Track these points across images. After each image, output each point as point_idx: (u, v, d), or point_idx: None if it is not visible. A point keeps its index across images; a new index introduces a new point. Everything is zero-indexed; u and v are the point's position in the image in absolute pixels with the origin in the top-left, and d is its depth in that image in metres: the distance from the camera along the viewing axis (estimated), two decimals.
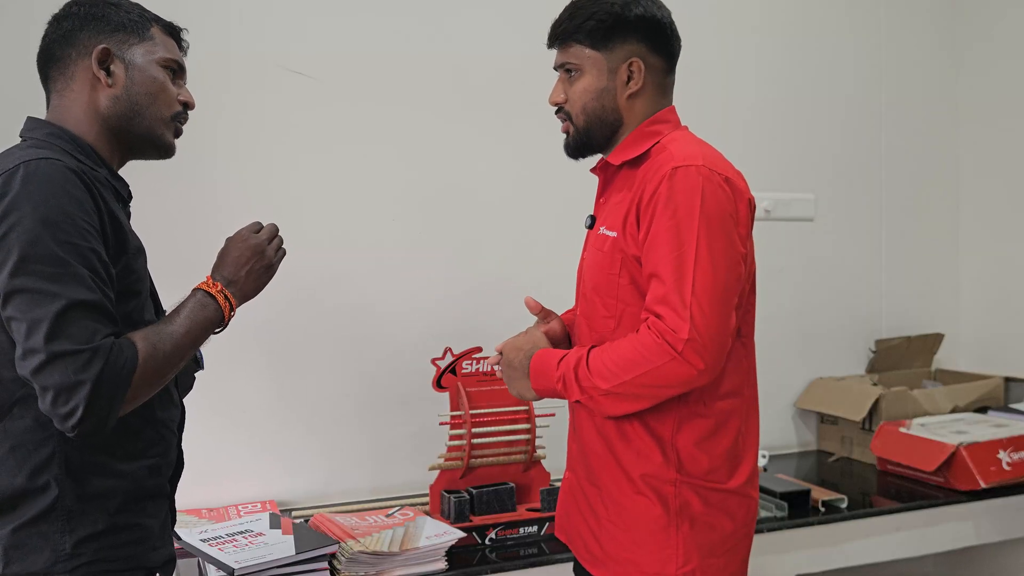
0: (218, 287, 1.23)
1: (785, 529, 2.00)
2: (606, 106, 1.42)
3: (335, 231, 2.21)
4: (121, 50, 1.23)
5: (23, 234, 1.05)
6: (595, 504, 1.44)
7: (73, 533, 1.12)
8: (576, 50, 1.42)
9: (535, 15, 1.65)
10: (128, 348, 1.09)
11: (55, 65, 1.23)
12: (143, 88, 1.24)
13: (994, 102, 2.88)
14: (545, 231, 2.37)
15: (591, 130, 1.45)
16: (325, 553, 1.65)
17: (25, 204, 1.06)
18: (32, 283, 1.05)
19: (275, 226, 1.33)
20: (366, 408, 2.24)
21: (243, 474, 2.11)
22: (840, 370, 2.81)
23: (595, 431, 1.44)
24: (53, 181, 1.09)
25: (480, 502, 1.92)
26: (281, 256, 1.33)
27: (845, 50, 2.82)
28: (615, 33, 1.40)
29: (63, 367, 1.03)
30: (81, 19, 1.23)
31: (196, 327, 1.18)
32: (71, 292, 1.05)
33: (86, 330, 1.05)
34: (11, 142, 1.21)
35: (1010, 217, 2.85)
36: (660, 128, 1.43)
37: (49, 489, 1.11)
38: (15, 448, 1.12)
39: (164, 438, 1.26)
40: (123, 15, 1.25)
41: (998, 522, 2.24)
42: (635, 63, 1.41)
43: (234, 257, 1.27)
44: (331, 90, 2.20)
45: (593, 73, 1.42)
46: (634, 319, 1.36)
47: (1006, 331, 2.85)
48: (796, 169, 2.76)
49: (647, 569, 1.36)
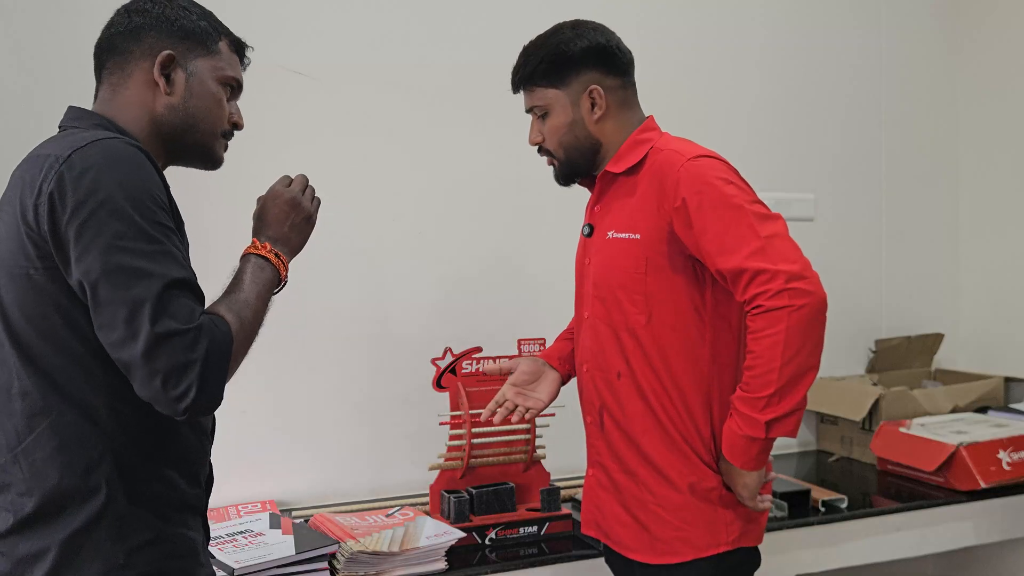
0: (268, 247, 1.20)
1: (785, 529, 2.00)
2: (579, 136, 1.53)
3: (335, 231, 2.20)
4: (186, 59, 1.19)
5: (113, 213, 1.00)
6: (636, 492, 1.50)
7: (124, 541, 1.06)
8: (538, 92, 1.53)
9: (535, 15, 1.65)
10: (221, 323, 1.06)
11: (115, 58, 1.19)
12: (201, 102, 1.20)
13: (994, 102, 2.88)
14: (546, 231, 2.37)
15: (573, 160, 1.55)
16: (325, 553, 1.65)
17: (110, 182, 1.01)
18: (130, 261, 1.00)
19: (305, 176, 1.30)
20: (366, 408, 2.24)
21: (243, 474, 2.11)
22: (840, 370, 2.81)
23: (628, 423, 1.50)
24: (132, 159, 1.05)
25: (480, 502, 1.92)
26: (317, 204, 1.30)
27: (845, 50, 2.82)
28: (567, 68, 1.50)
29: (172, 348, 0.98)
30: (154, 17, 1.19)
31: (264, 290, 1.15)
32: (168, 270, 1.01)
33: (187, 309, 1.01)
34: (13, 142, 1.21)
35: (1010, 217, 2.85)
36: (650, 136, 1.53)
37: (100, 491, 1.06)
38: (62, 447, 1.05)
39: (202, 444, 1.22)
40: (195, 22, 1.21)
41: (998, 522, 2.24)
42: (594, 90, 1.51)
43: (274, 215, 1.24)
44: (330, 89, 2.20)
45: (559, 110, 1.52)
46: (665, 311, 1.45)
47: (1006, 331, 2.85)
48: (796, 169, 2.76)
49: (699, 543, 1.45)
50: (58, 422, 1.06)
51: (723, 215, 1.37)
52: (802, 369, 1.34)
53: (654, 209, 1.44)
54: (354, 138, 2.23)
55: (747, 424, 1.37)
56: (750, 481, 1.43)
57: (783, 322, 1.31)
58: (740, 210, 1.37)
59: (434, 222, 2.30)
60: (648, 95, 1.66)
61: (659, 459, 1.47)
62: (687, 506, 1.46)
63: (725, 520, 1.46)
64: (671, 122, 1.62)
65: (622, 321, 1.49)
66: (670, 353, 1.46)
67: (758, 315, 1.34)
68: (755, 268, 1.33)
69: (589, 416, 1.59)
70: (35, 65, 1.94)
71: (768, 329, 1.32)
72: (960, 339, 2.98)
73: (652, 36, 2.53)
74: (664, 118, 1.62)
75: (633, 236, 1.47)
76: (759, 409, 1.35)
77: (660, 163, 1.45)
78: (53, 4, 1.94)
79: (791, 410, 1.35)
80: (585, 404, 1.61)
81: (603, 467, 1.56)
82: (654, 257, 1.45)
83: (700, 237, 1.39)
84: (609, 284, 1.51)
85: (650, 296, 1.46)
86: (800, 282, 1.32)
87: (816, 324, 1.34)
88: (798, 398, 1.35)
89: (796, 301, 1.31)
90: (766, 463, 1.43)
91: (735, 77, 2.66)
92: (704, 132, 2.47)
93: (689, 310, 1.45)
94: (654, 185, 1.45)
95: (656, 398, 1.47)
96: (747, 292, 1.35)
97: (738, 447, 1.40)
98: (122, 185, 1.02)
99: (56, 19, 1.95)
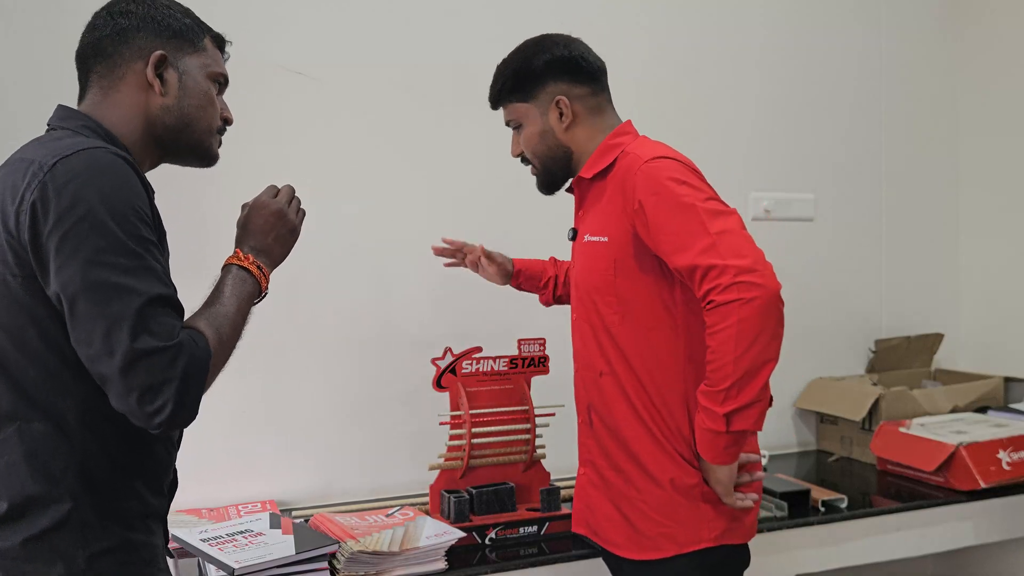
0: (250, 259, 1.20)
1: (785, 529, 2.00)
2: (551, 145, 1.60)
3: (334, 231, 2.21)
4: (176, 58, 1.20)
5: (94, 227, 1.00)
6: (623, 489, 1.53)
7: (87, 547, 1.07)
8: (511, 108, 1.62)
9: (535, 14, 1.65)
10: (200, 338, 1.06)
11: (103, 61, 1.18)
12: (195, 100, 1.21)
13: (995, 102, 2.88)
14: (545, 231, 2.36)
15: (549, 168, 1.63)
16: (325, 553, 1.64)
17: (93, 194, 1.01)
18: (109, 277, 0.99)
19: (291, 187, 1.30)
20: (366, 408, 2.24)
21: (243, 474, 2.11)
22: (840, 370, 2.81)
23: (613, 421, 1.53)
24: (116, 171, 1.04)
25: (480, 502, 1.92)
26: (302, 217, 1.31)
27: (845, 50, 2.82)
28: (532, 82, 1.58)
29: (150, 365, 0.99)
30: (139, 18, 1.18)
31: (243, 303, 1.15)
32: (149, 287, 1.01)
33: (167, 326, 1.01)
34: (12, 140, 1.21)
35: (1010, 217, 2.85)
36: (621, 140, 1.57)
37: (65, 499, 1.06)
38: (29, 454, 1.06)
39: (170, 455, 1.23)
40: (181, 20, 1.21)
41: (998, 522, 2.24)
42: (561, 101, 1.57)
43: (258, 225, 1.24)
44: (331, 90, 2.20)
45: (530, 121, 1.60)
46: (636, 310, 1.49)
47: (1006, 331, 2.85)
48: (796, 169, 2.76)
49: (681, 539, 1.48)
50: (25, 429, 1.06)
51: (676, 215, 1.40)
52: (758, 361, 1.34)
53: (620, 212, 1.49)
54: (355, 138, 2.23)
55: (709, 418, 1.39)
56: (722, 476, 1.45)
57: (734, 315, 1.33)
58: (691, 208, 1.39)
59: (435, 222, 2.30)
60: (649, 95, 1.67)
61: (643, 455, 1.51)
62: (670, 502, 1.49)
63: (707, 517, 1.48)
64: (671, 122, 1.63)
65: (599, 321, 1.54)
66: (645, 352, 1.49)
67: (711, 310, 1.36)
68: (706, 264, 1.36)
69: (580, 415, 1.65)
70: (35, 65, 1.94)
71: (721, 323, 1.34)
72: (960, 339, 2.98)
73: (652, 36, 2.53)
74: (665, 118, 1.63)
75: (602, 239, 1.52)
76: (719, 402, 1.37)
77: (624, 167, 1.50)
78: (53, 4, 1.94)
79: (749, 402, 1.36)
80: (577, 403, 1.66)
81: (593, 465, 1.60)
82: (623, 259, 1.49)
83: (657, 236, 1.42)
84: (586, 286, 1.56)
85: (621, 297, 1.50)
86: (749, 275, 1.33)
87: (769, 316, 1.34)
88: (756, 390, 1.36)
89: (746, 294, 1.32)
90: (736, 458, 1.45)
91: (735, 77, 2.66)
92: (705, 132, 2.48)
93: (660, 309, 1.49)
94: (618, 189, 1.49)
95: (636, 396, 1.50)
96: (701, 288, 1.37)
97: (705, 441, 1.42)
98: (105, 198, 1.01)
99: (56, 19, 1.95)
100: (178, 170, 1.32)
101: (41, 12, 1.96)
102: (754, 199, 2.66)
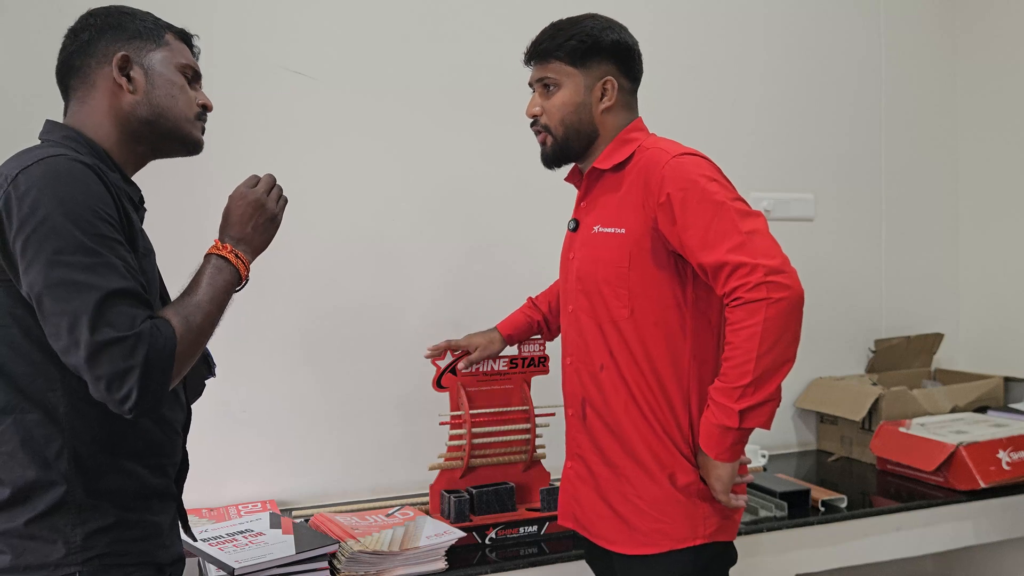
0: (228, 248, 1.24)
1: (785, 529, 2.00)
2: (583, 119, 1.56)
3: (334, 231, 2.21)
4: (139, 56, 1.25)
5: (53, 229, 1.07)
6: (616, 485, 1.53)
7: (83, 526, 1.14)
8: (556, 66, 1.56)
9: (534, 15, 1.65)
10: (165, 327, 1.11)
11: (75, 75, 1.25)
12: (164, 91, 1.26)
13: (994, 102, 2.88)
14: (544, 229, 2.36)
15: (569, 140, 1.58)
16: (325, 553, 1.65)
17: (50, 200, 1.07)
18: (69, 275, 1.06)
19: (272, 176, 1.33)
20: (366, 408, 2.24)
21: (243, 474, 2.11)
22: (840, 370, 2.81)
23: (611, 415, 1.53)
24: (73, 176, 1.10)
25: (480, 502, 1.92)
26: (283, 205, 1.33)
27: (845, 50, 2.82)
28: (592, 54, 1.54)
29: (111, 355, 1.05)
30: (98, 29, 1.25)
31: (219, 292, 1.20)
32: (107, 282, 1.07)
33: (126, 317, 1.07)
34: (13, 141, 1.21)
35: (1010, 217, 2.85)
36: (637, 135, 1.57)
37: (60, 483, 1.14)
38: (25, 442, 1.14)
39: (170, 439, 1.27)
40: (138, 23, 1.27)
41: (997, 522, 2.24)
42: (609, 81, 1.55)
43: (238, 215, 1.28)
44: (330, 89, 2.20)
45: (571, 88, 1.55)
46: (646, 305, 1.49)
47: (1006, 331, 2.86)
48: (796, 169, 2.76)
49: (676, 535, 1.48)
50: (20, 420, 1.14)
51: (706, 211, 1.40)
52: (778, 361, 1.37)
53: (639, 205, 1.48)
54: (353, 139, 2.23)
55: (722, 413, 1.40)
56: (723, 473, 1.46)
57: (761, 313, 1.34)
58: (722, 206, 1.40)
59: (434, 222, 2.30)
60: (650, 95, 1.67)
61: (641, 451, 1.51)
62: (666, 498, 1.49)
63: (703, 513, 1.49)
64: (672, 122, 1.63)
65: (605, 314, 1.53)
66: (651, 346, 1.50)
67: (737, 307, 1.37)
68: (736, 262, 1.37)
69: (571, 408, 1.64)
70: (35, 66, 1.94)
71: (747, 320, 1.36)
72: (960, 339, 2.98)
73: (653, 36, 2.52)
74: (666, 118, 1.63)
75: (619, 231, 1.51)
76: (735, 399, 1.38)
77: (646, 160, 1.49)
78: (53, 4, 1.95)
79: (764, 400, 1.38)
80: (567, 396, 1.65)
81: (583, 459, 1.60)
82: (638, 252, 1.49)
83: (683, 232, 1.42)
84: (594, 278, 1.55)
85: (633, 290, 1.49)
86: (779, 276, 1.36)
87: (793, 318, 1.37)
88: (772, 389, 1.38)
89: (774, 294, 1.35)
90: (739, 455, 1.46)
91: (736, 77, 2.66)
92: (705, 132, 2.48)
93: (671, 305, 1.49)
94: (639, 182, 1.49)
95: (639, 389, 1.50)
96: (727, 285, 1.38)
97: (713, 437, 1.43)
98: (62, 201, 1.08)
99: (56, 19, 1.95)
100: (178, 170, 1.33)
101: (41, 12, 1.96)
102: (754, 199, 2.66)
